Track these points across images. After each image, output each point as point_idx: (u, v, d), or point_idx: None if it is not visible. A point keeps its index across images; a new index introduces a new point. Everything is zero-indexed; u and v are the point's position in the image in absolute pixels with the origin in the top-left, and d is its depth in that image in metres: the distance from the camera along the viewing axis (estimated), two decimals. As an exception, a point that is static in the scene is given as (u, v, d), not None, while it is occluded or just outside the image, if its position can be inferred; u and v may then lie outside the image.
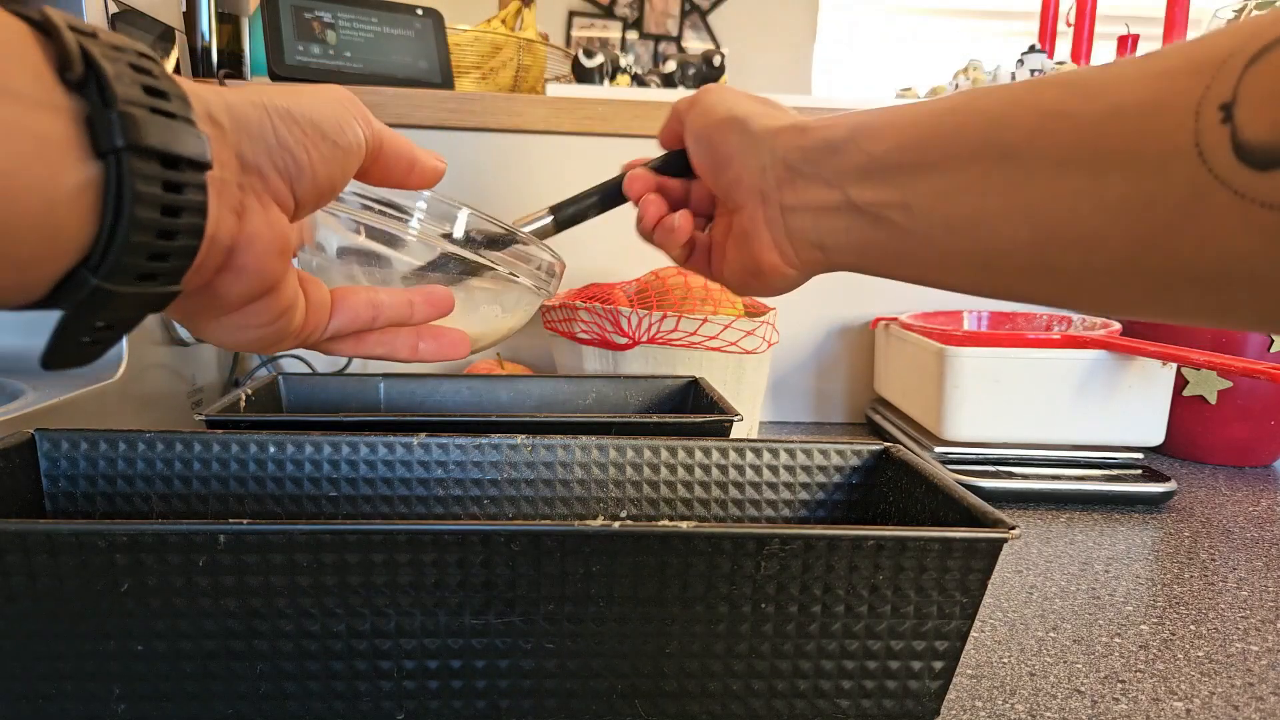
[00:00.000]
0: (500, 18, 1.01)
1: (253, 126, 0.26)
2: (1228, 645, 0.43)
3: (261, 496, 0.41)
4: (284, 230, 0.28)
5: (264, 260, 0.27)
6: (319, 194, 0.29)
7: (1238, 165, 0.21)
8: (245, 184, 0.26)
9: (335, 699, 0.31)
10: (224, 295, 0.27)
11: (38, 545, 0.28)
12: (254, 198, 0.27)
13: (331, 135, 0.29)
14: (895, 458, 0.41)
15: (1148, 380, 0.67)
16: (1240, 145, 0.21)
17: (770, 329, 0.68)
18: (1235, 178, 0.21)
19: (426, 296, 0.36)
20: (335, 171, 0.29)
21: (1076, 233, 0.25)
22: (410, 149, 0.34)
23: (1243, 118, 0.21)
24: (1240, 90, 0.21)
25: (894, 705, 0.32)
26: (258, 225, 0.27)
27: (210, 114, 0.25)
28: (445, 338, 0.37)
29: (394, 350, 0.36)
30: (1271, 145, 0.20)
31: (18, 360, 0.59)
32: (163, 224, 0.22)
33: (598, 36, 3.30)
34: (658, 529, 0.29)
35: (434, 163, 0.35)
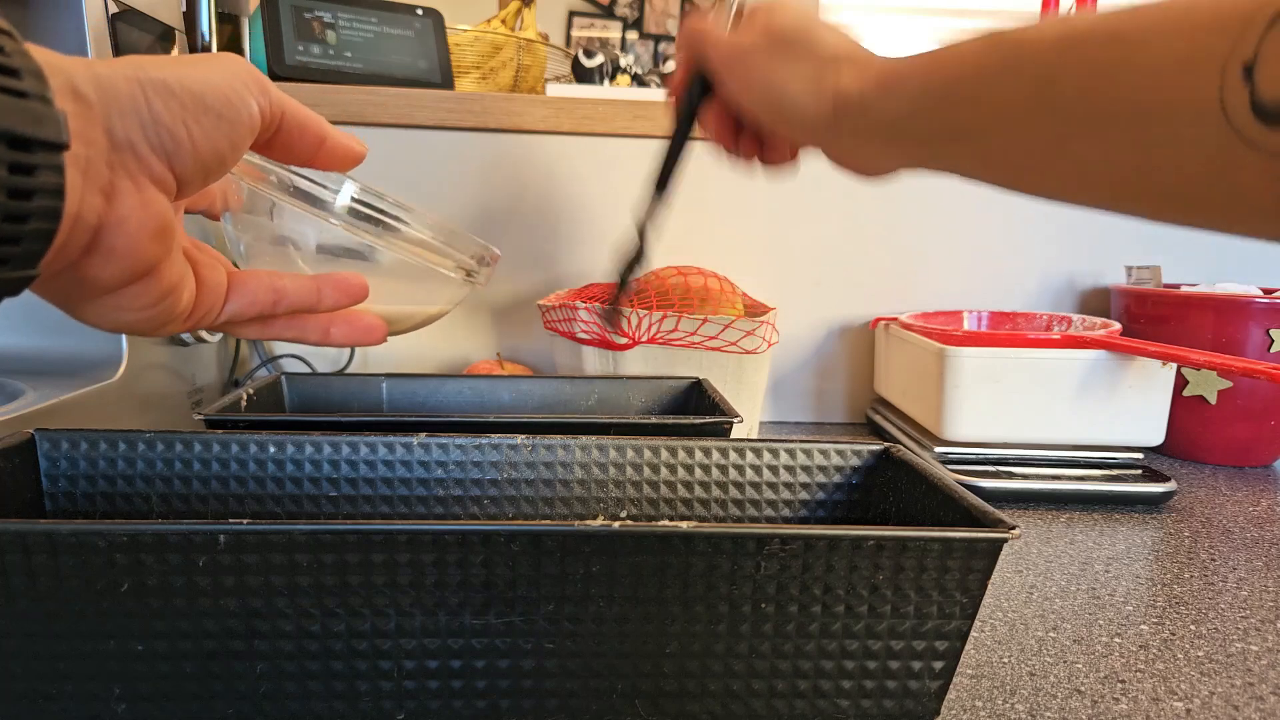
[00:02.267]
0: (500, 18, 1.01)
1: (123, 100, 0.25)
2: (1228, 645, 0.43)
3: (261, 496, 0.41)
4: (161, 210, 0.27)
5: (137, 242, 0.26)
6: (204, 170, 0.28)
7: (1254, 121, 0.22)
8: (115, 162, 0.25)
9: (335, 699, 0.31)
10: (94, 278, 0.26)
11: (38, 545, 0.28)
12: (126, 177, 0.25)
13: (216, 108, 0.27)
14: (895, 458, 0.41)
15: (1148, 380, 0.67)
16: (1257, 103, 0.22)
17: (770, 329, 0.68)
18: (1252, 132, 0.22)
19: (336, 283, 0.35)
20: (221, 145, 0.28)
21: (1120, 178, 0.27)
22: (319, 126, 0.33)
23: (1261, 77, 0.22)
24: (1260, 50, 0.22)
25: (894, 705, 0.32)
26: (130, 206, 0.25)
27: (74, 88, 0.24)
28: (359, 323, 0.36)
29: (303, 334, 0.35)
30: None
31: (18, 360, 0.59)
32: (10, 207, 0.21)
33: (598, 36, 3.30)
34: (658, 529, 0.29)
35: (348, 143, 0.34)
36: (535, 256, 0.89)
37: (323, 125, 0.33)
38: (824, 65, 0.38)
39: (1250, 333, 0.74)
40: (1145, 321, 0.80)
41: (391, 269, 0.39)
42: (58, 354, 0.60)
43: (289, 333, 0.35)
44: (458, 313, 0.90)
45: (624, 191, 0.89)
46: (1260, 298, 0.73)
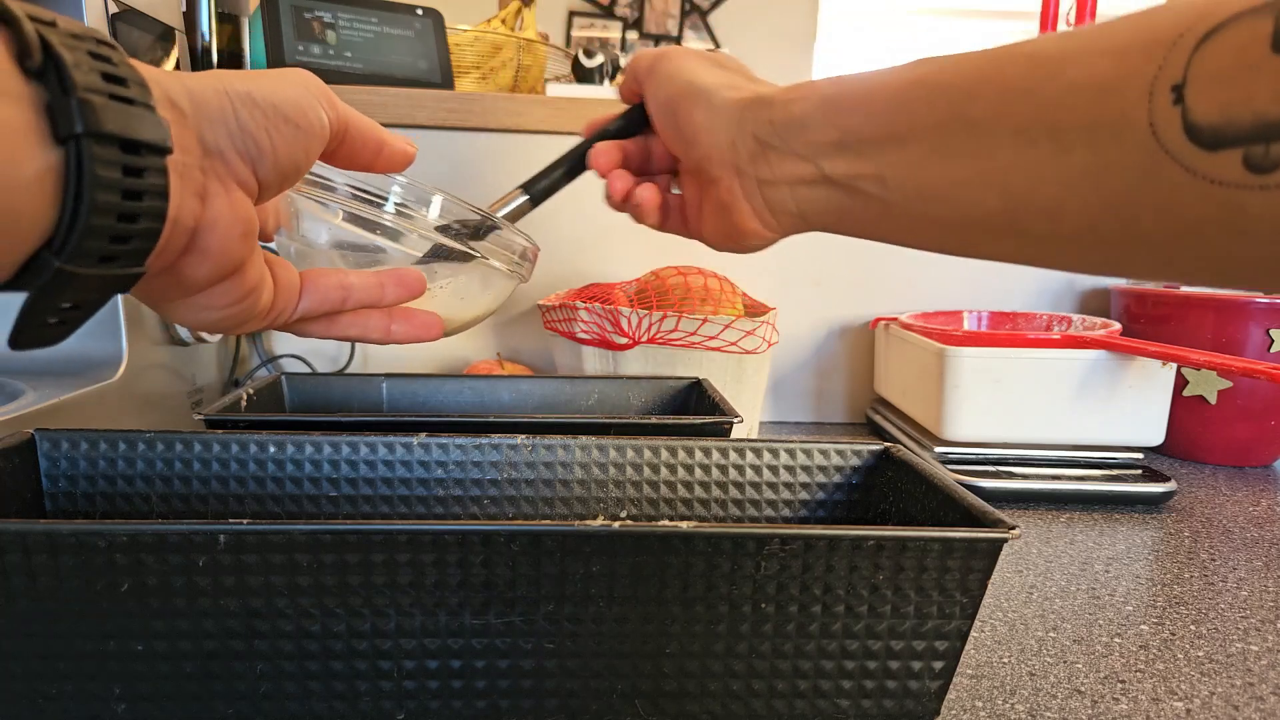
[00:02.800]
0: (500, 18, 1.01)
1: (213, 111, 0.27)
2: (1228, 645, 0.43)
3: (261, 496, 0.41)
4: (247, 213, 0.28)
5: (227, 242, 0.27)
6: (282, 176, 0.29)
7: (1188, 144, 0.22)
8: (207, 168, 0.26)
9: (335, 699, 0.31)
10: (189, 276, 0.28)
11: (38, 545, 0.28)
12: (216, 181, 0.27)
13: (293, 118, 0.29)
14: (895, 458, 0.41)
15: (1148, 380, 0.67)
16: (1190, 126, 0.22)
17: (770, 329, 0.68)
18: (1187, 156, 0.22)
19: (397, 279, 0.36)
20: (298, 154, 0.29)
21: (1041, 201, 0.26)
22: (377, 132, 0.34)
23: (1193, 99, 0.21)
24: (1190, 72, 0.22)
25: (894, 705, 0.32)
26: (221, 208, 0.27)
27: (171, 99, 0.25)
28: (417, 319, 0.37)
29: (366, 331, 0.36)
30: (1219, 126, 0.21)
31: (18, 360, 0.59)
32: (123, 207, 0.23)
33: (598, 36, 3.30)
34: (658, 529, 0.29)
35: (403, 146, 0.35)
36: (535, 256, 0.89)
37: (380, 132, 0.34)
38: (745, 78, 0.39)
39: (1250, 333, 0.74)
40: (1145, 321, 0.80)
41: (444, 268, 0.39)
42: (58, 354, 0.60)
43: (353, 330, 0.36)
44: (458, 313, 0.90)
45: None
46: (1260, 298, 0.73)
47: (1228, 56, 0.21)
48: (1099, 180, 0.24)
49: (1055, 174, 0.26)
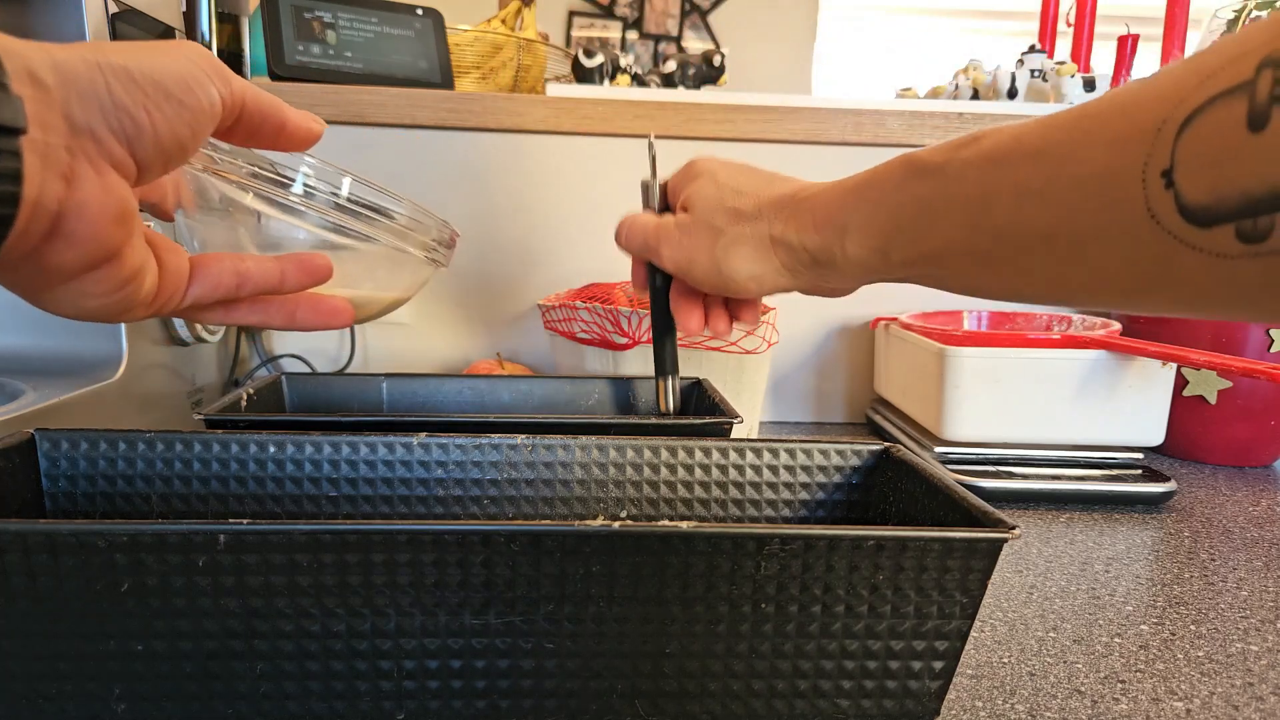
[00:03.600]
0: (500, 18, 1.01)
1: (83, 85, 0.25)
2: (1228, 645, 0.43)
3: (261, 496, 0.41)
4: (122, 195, 0.27)
5: (98, 227, 0.26)
6: (165, 156, 0.28)
7: (1185, 225, 0.23)
8: (75, 147, 0.25)
9: (335, 699, 0.31)
10: (55, 264, 0.26)
11: (38, 545, 0.28)
12: (86, 162, 0.25)
13: (177, 94, 0.27)
14: (895, 458, 0.41)
15: (1148, 380, 0.67)
16: (1184, 208, 0.23)
17: (770, 329, 0.68)
18: (1186, 234, 0.23)
19: (300, 264, 0.34)
20: (182, 132, 0.28)
21: (1070, 289, 0.29)
22: (280, 110, 0.32)
23: (1182, 183, 0.23)
24: (1176, 158, 0.23)
25: (894, 705, 0.32)
26: (90, 191, 0.25)
27: (31, 73, 0.24)
28: (324, 306, 0.36)
29: (267, 318, 0.35)
30: (1210, 206, 0.22)
31: (18, 360, 0.59)
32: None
33: (598, 36, 3.30)
34: (658, 529, 0.29)
35: (307, 124, 0.34)
36: (535, 256, 0.89)
37: (282, 109, 0.32)
38: (756, 226, 0.41)
39: (1250, 333, 0.74)
40: (1145, 321, 0.80)
41: (354, 252, 0.38)
42: (58, 354, 0.60)
43: (253, 317, 0.35)
44: (458, 313, 0.90)
45: (624, 191, 0.89)
46: (1260, 298, 0.73)
47: (1209, 140, 0.22)
48: (1119, 270, 0.27)
49: (1081, 270, 0.28)
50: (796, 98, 0.87)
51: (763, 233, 0.40)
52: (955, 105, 0.94)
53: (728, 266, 0.41)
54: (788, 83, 3.23)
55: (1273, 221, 0.21)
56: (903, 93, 1.15)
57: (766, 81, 3.12)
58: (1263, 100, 0.21)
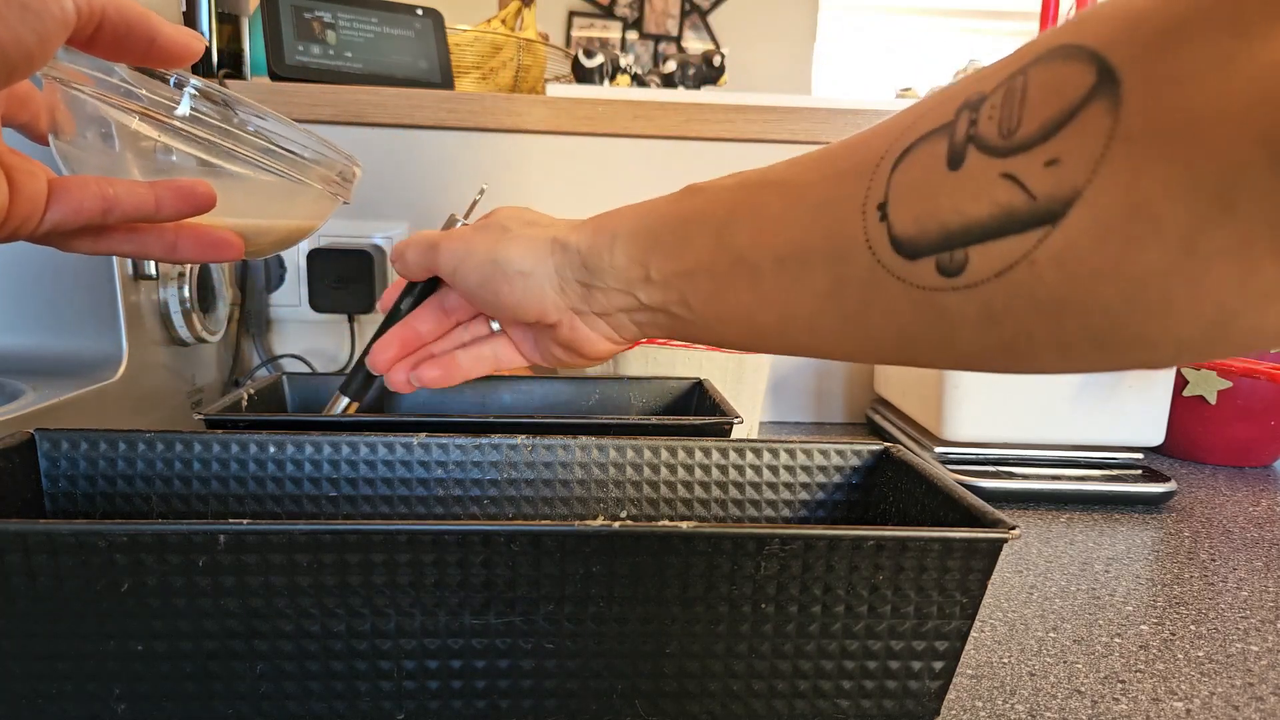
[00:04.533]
0: (500, 18, 1.01)
1: None
2: (1228, 645, 0.43)
3: (261, 496, 0.41)
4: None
5: None
6: (9, 66, 0.26)
7: (895, 256, 0.24)
8: None
9: (335, 699, 0.31)
10: None
11: (38, 545, 0.28)
12: None
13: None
14: (895, 458, 0.41)
15: (1148, 380, 0.67)
16: (895, 239, 0.24)
17: (770, 329, 0.68)
18: (896, 266, 0.25)
19: (177, 191, 0.32)
20: (28, 40, 0.26)
21: (802, 317, 0.30)
22: (147, 21, 0.30)
23: (894, 215, 0.24)
24: (890, 191, 0.24)
25: (894, 705, 0.32)
26: None
27: None
28: (208, 237, 0.34)
29: (143, 248, 0.33)
30: (915, 238, 0.24)
31: (18, 360, 0.59)
32: None
33: (598, 36, 3.30)
34: (658, 529, 0.29)
35: (183, 38, 0.31)
36: (535, 256, 0.89)
37: (150, 20, 0.30)
38: (542, 228, 0.40)
39: (1250, 333, 0.74)
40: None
41: (244, 179, 0.35)
42: (58, 354, 0.60)
43: (127, 246, 0.33)
44: (458, 313, 0.90)
45: (624, 191, 0.89)
46: (1260, 298, 0.73)
47: (915, 176, 0.24)
48: (837, 294, 0.27)
49: (806, 293, 0.29)
50: (796, 98, 0.87)
51: (546, 235, 0.39)
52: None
53: (502, 254, 0.39)
54: (788, 83, 3.23)
55: (966, 255, 0.22)
56: (903, 93, 1.15)
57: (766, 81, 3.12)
58: (960, 140, 0.23)
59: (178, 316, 0.67)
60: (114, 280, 0.60)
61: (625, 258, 0.36)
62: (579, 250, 0.38)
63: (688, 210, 0.34)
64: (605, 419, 0.46)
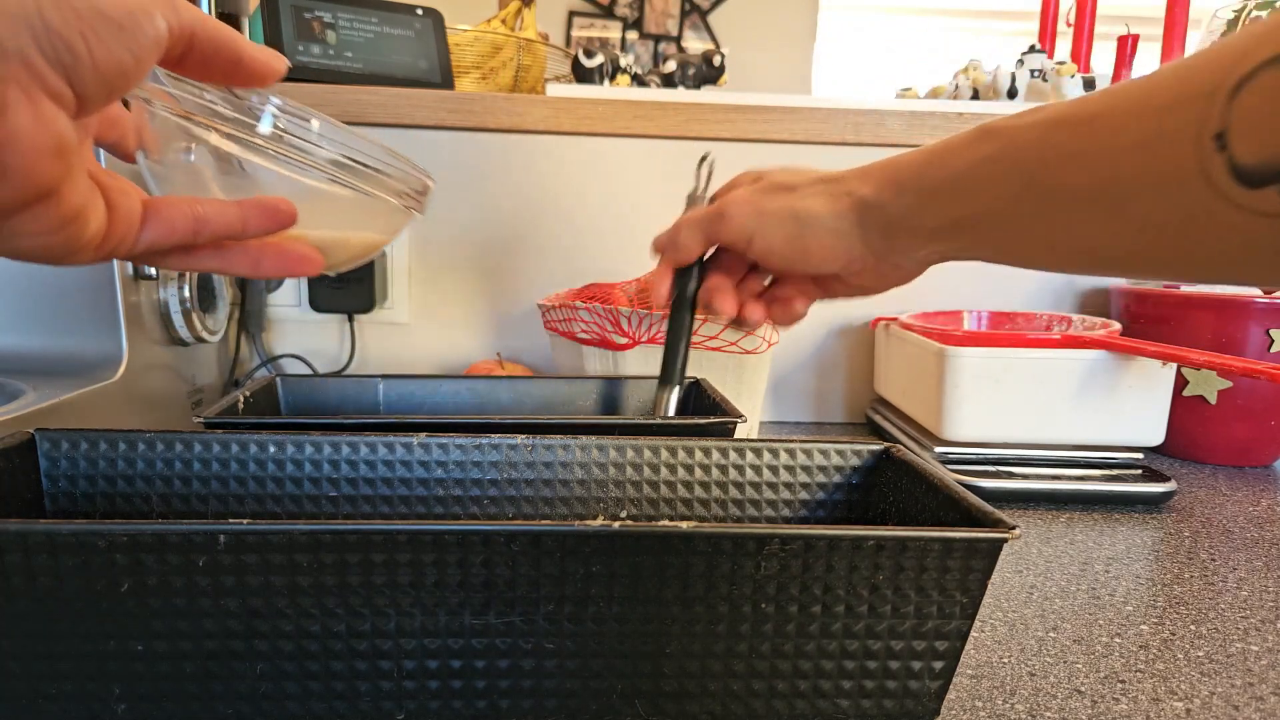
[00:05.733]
0: (500, 18, 1.01)
1: (11, 7, 0.24)
2: (1228, 645, 0.43)
3: (261, 496, 0.41)
4: (59, 128, 0.25)
5: (31, 160, 0.25)
6: (107, 86, 0.26)
7: (1235, 185, 0.24)
8: (5, 74, 0.24)
9: (335, 699, 0.31)
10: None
11: (38, 545, 0.28)
12: (18, 89, 0.24)
13: (116, 19, 0.26)
14: (895, 458, 0.41)
15: (1148, 380, 0.67)
16: (1236, 168, 0.24)
17: (770, 329, 0.68)
18: (1236, 195, 0.24)
19: (262, 209, 0.33)
20: (125, 61, 0.26)
21: (1110, 250, 0.30)
22: (235, 43, 0.31)
23: (1235, 144, 0.24)
24: (1230, 121, 0.24)
25: (894, 705, 0.32)
26: (22, 121, 0.24)
27: None
28: (291, 253, 0.35)
29: (229, 265, 0.34)
30: (1261, 166, 0.23)
31: (18, 360, 0.59)
32: None
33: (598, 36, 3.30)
34: (658, 529, 0.29)
35: (267, 59, 0.32)
36: (535, 257, 0.89)
37: (238, 41, 0.31)
38: (832, 183, 0.42)
39: (1250, 333, 0.74)
40: (1145, 321, 0.80)
41: (322, 194, 0.36)
42: (58, 354, 0.60)
43: (214, 263, 0.33)
44: (458, 313, 0.90)
45: (624, 191, 0.89)
46: (1260, 298, 0.73)
47: (1259, 103, 0.23)
48: (1161, 228, 0.28)
49: (1119, 227, 0.29)
50: (796, 98, 0.87)
51: (841, 190, 0.41)
52: (955, 105, 0.94)
53: (805, 211, 0.41)
54: (788, 83, 3.23)
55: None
56: (903, 93, 1.15)
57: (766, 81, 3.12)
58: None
59: (178, 316, 0.67)
60: (114, 280, 0.60)
61: (924, 210, 0.37)
62: (879, 205, 0.39)
63: (991, 153, 0.34)
64: (606, 419, 0.46)
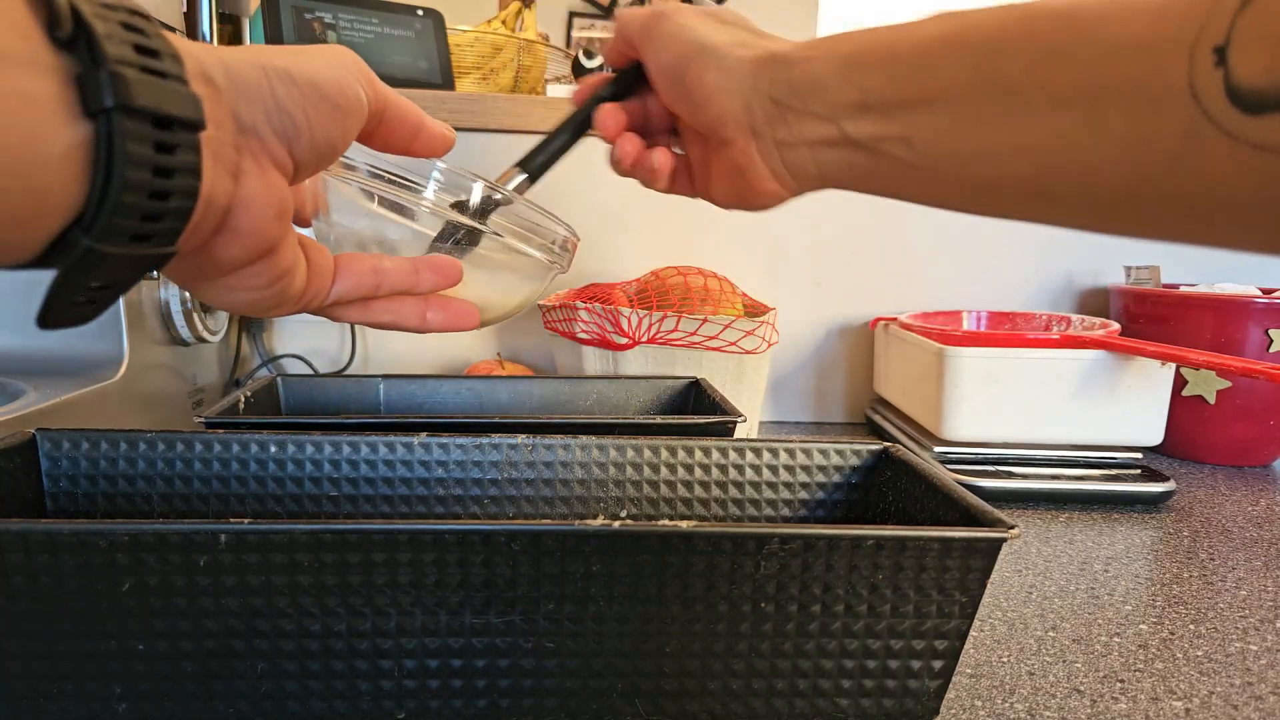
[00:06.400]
0: (500, 18, 1.01)
1: (249, 86, 0.26)
2: (1227, 645, 0.43)
3: (262, 496, 0.41)
4: (282, 192, 0.28)
5: (261, 222, 0.27)
6: (318, 156, 0.29)
7: (1230, 108, 0.21)
8: (242, 145, 0.26)
9: (336, 699, 0.31)
10: (221, 257, 0.27)
11: (39, 545, 0.28)
12: (251, 159, 0.26)
13: (331, 96, 0.28)
14: (895, 458, 0.41)
15: (1147, 380, 0.67)
16: (1233, 89, 0.21)
17: (770, 329, 0.68)
18: (1228, 119, 0.21)
19: (433, 265, 0.35)
20: (335, 133, 0.29)
21: (1076, 166, 0.26)
22: (416, 114, 0.34)
23: (1236, 61, 0.21)
24: (1233, 34, 0.21)
25: (894, 705, 0.32)
26: (254, 187, 0.26)
27: (205, 73, 0.25)
28: (454, 308, 0.37)
29: (401, 318, 0.36)
30: (1264, 89, 0.20)
31: (18, 360, 0.59)
32: (155, 185, 0.22)
33: (598, 37, 3.30)
34: (658, 529, 0.29)
35: (440, 130, 0.35)
36: (535, 257, 0.89)
37: (419, 114, 0.34)
38: (752, 33, 0.38)
39: (1249, 333, 0.74)
40: (1144, 321, 0.80)
41: (480, 255, 0.39)
42: (58, 354, 0.60)
43: (387, 316, 0.35)
44: (458, 313, 0.90)
45: (624, 191, 0.89)
46: (1259, 298, 0.73)
47: (1275, 17, 0.20)
48: (1136, 146, 0.24)
49: (1091, 140, 0.25)
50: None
51: (766, 46, 0.36)
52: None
53: (712, 42, 0.36)
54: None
55: None
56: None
57: (766, 82, 3.11)
58: None
59: (178, 316, 0.67)
60: (114, 280, 0.60)
61: (840, 76, 0.32)
62: (789, 59, 0.34)
63: (938, 31, 0.29)
64: (605, 419, 0.46)
